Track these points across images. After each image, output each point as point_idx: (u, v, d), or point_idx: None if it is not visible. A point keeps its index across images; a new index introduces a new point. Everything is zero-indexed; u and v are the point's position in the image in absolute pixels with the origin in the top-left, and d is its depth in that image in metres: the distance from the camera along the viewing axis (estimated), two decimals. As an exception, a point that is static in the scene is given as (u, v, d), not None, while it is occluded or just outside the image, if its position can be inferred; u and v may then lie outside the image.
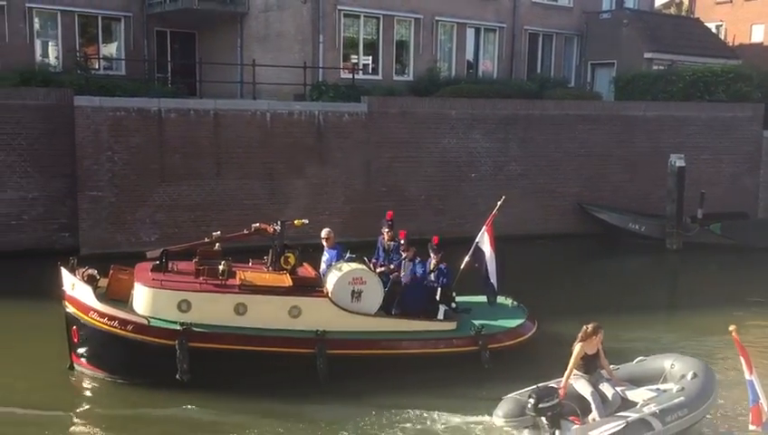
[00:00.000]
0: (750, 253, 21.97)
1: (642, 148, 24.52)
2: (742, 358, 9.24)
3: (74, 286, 11.28)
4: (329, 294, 11.43)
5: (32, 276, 15.33)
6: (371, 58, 26.30)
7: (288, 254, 11.77)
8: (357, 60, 25.77)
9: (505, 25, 29.02)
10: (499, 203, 13.92)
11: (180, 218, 19.46)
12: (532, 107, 23.77)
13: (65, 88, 19.59)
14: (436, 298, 12.34)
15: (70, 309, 11.31)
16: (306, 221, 12.60)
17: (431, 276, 12.50)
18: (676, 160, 22.68)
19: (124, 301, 11.31)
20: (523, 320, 12.83)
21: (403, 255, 12.54)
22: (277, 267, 11.81)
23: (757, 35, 37.39)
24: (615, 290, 18.23)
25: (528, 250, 21.34)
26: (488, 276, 13.40)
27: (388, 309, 11.90)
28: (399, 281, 12.28)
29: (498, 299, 13.62)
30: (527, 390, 9.50)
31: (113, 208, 19.00)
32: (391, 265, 12.64)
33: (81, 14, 25.73)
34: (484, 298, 13.56)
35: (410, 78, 26.66)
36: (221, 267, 11.27)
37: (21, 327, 13.52)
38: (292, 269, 11.76)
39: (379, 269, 12.43)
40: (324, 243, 12.60)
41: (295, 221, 12.51)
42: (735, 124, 25.64)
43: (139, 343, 10.76)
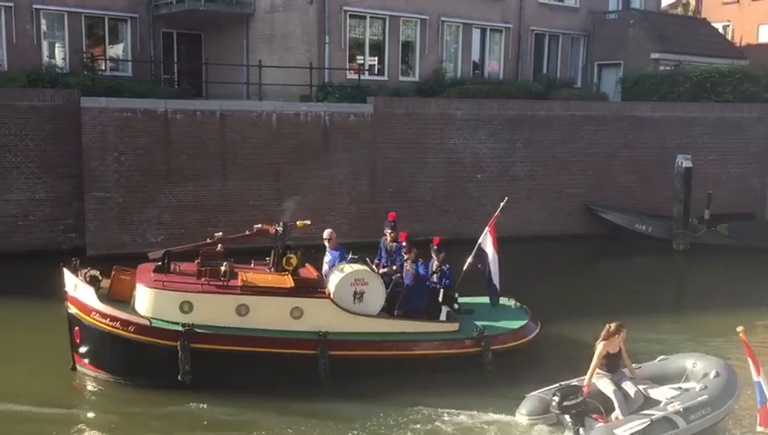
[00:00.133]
0: (757, 254, 21.79)
1: (649, 148, 24.46)
2: (750, 359, 9.21)
3: (76, 287, 11.30)
4: (331, 295, 11.41)
5: (38, 277, 15.35)
6: (377, 59, 26.23)
7: (290, 255, 11.73)
8: (363, 60, 25.73)
9: (511, 26, 28.94)
10: (502, 204, 13.87)
11: (187, 219, 19.53)
12: (538, 108, 23.74)
13: (72, 89, 19.72)
14: (439, 299, 12.32)
15: (72, 310, 11.34)
16: (309, 222, 12.52)
17: (434, 277, 12.49)
18: (683, 161, 22.61)
19: (126, 302, 11.31)
20: (526, 321, 12.78)
21: (405, 256, 12.52)
22: (279, 268, 11.79)
23: (764, 36, 37.24)
24: (621, 291, 18.13)
25: (535, 251, 21.32)
26: (491, 277, 13.37)
27: (391, 310, 11.89)
28: (402, 282, 12.26)
29: (501, 300, 13.57)
30: (551, 388, 9.52)
31: (120, 209, 19.09)
32: (394, 267, 12.61)
33: (87, 15, 25.78)
34: (486, 299, 13.52)
35: (416, 79, 26.60)
36: (223, 268, 11.27)
37: (25, 327, 13.60)
38: (294, 270, 11.72)
39: (381, 270, 12.41)
40: (326, 244, 12.56)
41: (298, 222, 12.44)
42: (742, 125, 25.57)
43: (141, 343, 10.77)
